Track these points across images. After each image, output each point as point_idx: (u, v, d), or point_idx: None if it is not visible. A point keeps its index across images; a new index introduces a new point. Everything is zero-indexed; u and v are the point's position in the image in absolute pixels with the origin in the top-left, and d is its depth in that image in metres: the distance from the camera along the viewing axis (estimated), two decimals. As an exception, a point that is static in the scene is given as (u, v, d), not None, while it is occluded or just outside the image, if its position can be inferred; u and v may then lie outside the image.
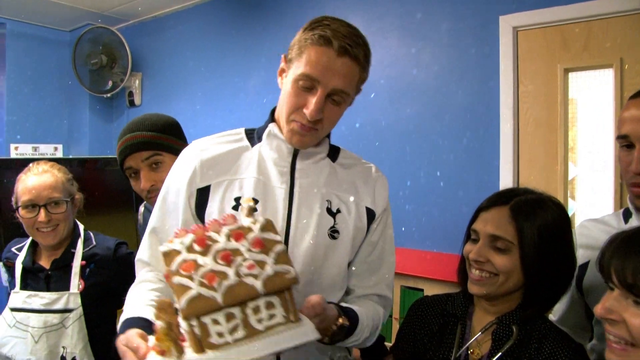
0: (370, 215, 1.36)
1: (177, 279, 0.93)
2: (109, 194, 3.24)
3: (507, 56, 2.31)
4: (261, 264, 0.98)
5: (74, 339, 1.72)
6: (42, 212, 1.74)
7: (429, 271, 2.40)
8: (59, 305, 1.73)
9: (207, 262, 0.96)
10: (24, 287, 1.77)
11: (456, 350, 1.27)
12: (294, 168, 1.31)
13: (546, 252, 1.19)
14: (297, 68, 1.20)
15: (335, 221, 1.31)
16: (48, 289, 1.75)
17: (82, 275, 1.78)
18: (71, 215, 1.84)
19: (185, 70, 3.65)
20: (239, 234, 1.00)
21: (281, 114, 1.27)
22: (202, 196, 1.29)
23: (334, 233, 1.30)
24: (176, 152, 1.65)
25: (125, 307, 1.22)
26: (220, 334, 0.93)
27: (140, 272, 1.34)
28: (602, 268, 0.96)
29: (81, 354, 1.72)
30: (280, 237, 1.03)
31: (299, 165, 1.31)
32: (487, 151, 2.37)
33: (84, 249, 1.82)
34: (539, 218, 1.20)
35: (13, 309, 1.74)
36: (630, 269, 0.89)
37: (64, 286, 1.76)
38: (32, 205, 1.74)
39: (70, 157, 3.86)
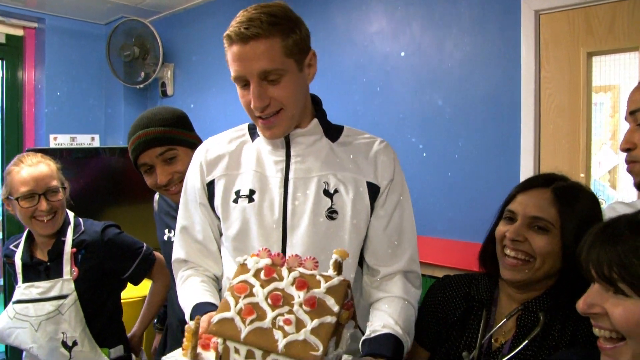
0: (374, 189, 1.34)
1: (227, 294, 0.96)
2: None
3: (529, 41, 2.25)
4: (299, 325, 0.92)
5: (71, 323, 1.79)
6: (43, 200, 1.80)
7: (451, 260, 2.38)
8: (54, 293, 1.79)
9: (259, 294, 0.95)
10: (27, 281, 1.84)
11: (481, 337, 1.26)
12: (288, 155, 1.34)
13: (583, 234, 1.16)
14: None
15: (332, 202, 1.31)
16: (48, 280, 1.82)
17: (76, 262, 1.83)
18: (65, 203, 1.90)
19: (216, 60, 3.69)
20: (304, 283, 0.96)
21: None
22: (210, 190, 1.39)
23: (332, 214, 1.30)
24: (187, 144, 1.69)
25: (184, 301, 1.32)
26: None
27: (180, 273, 1.43)
28: (581, 263, 0.93)
29: (81, 337, 1.79)
30: (337, 308, 0.95)
31: (293, 152, 1.34)
32: (509, 139, 2.32)
33: (73, 236, 1.87)
34: (579, 204, 1.20)
35: (14, 302, 1.82)
36: (606, 261, 0.88)
37: (59, 275, 1.82)
38: (32, 195, 1.79)
39: (113, 146, 3.96)
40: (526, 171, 2.24)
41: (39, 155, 1.89)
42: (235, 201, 1.34)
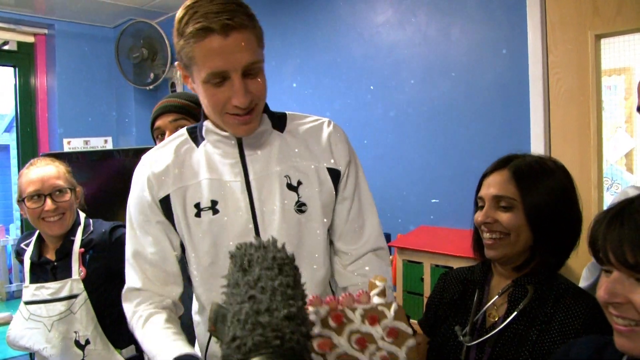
0: (335, 174, 1.32)
1: (313, 357, 0.90)
2: None
3: (536, 24, 2.22)
4: (393, 357, 0.93)
5: (83, 322, 1.80)
6: (49, 200, 1.81)
7: (461, 249, 2.37)
8: (64, 293, 1.81)
9: (342, 343, 0.92)
10: (34, 280, 1.86)
11: (474, 313, 1.32)
12: (243, 156, 1.27)
13: (549, 207, 1.23)
14: (199, 71, 1.14)
15: (298, 194, 1.27)
16: (55, 279, 1.83)
17: (83, 262, 1.85)
18: (74, 206, 1.91)
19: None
20: (374, 317, 0.95)
21: (210, 114, 1.23)
22: (164, 206, 1.27)
23: (301, 207, 1.27)
24: None
25: (153, 350, 1.16)
26: None
27: (135, 308, 1.28)
28: (596, 250, 0.89)
29: (93, 335, 1.80)
30: (411, 330, 0.97)
31: (247, 151, 1.27)
32: (519, 126, 2.29)
33: (82, 236, 1.88)
34: (537, 173, 1.26)
35: (27, 302, 1.84)
36: (629, 247, 0.83)
37: (68, 275, 1.84)
38: (38, 195, 1.81)
39: (126, 147, 4.00)
40: (537, 157, 2.21)
41: (50, 159, 1.92)
42: (198, 215, 1.25)
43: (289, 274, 0.84)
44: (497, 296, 1.30)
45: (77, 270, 1.83)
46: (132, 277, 1.30)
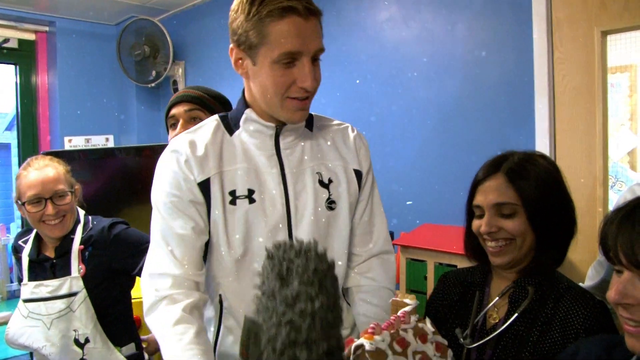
0: (359, 176, 1.37)
1: None
2: None
3: (541, 20, 2.20)
4: None
5: (82, 320, 1.78)
6: (50, 205, 1.79)
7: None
8: (64, 291, 1.79)
9: None
10: (33, 278, 1.84)
11: (474, 315, 1.29)
12: (278, 148, 1.29)
13: (546, 203, 1.22)
14: (271, 50, 1.15)
15: (329, 192, 1.31)
16: (54, 277, 1.81)
17: (83, 259, 1.83)
18: (75, 205, 1.90)
19: (226, 57, 3.68)
20: (424, 336, 1.00)
21: (266, 98, 1.22)
22: (204, 190, 1.24)
23: (331, 204, 1.31)
24: None
25: None
26: None
27: (161, 290, 1.19)
28: (607, 249, 0.87)
29: (93, 334, 1.78)
30: (446, 341, 1.03)
31: (282, 145, 1.29)
32: (524, 123, 2.27)
33: (82, 233, 1.86)
34: (532, 173, 1.23)
35: (25, 300, 1.82)
36: (633, 245, 0.82)
37: (68, 272, 1.82)
38: (38, 200, 1.79)
39: (127, 145, 3.99)
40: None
41: (48, 158, 1.89)
42: (233, 202, 1.25)
43: (329, 291, 0.83)
44: (497, 298, 1.28)
45: (76, 267, 1.81)
46: (159, 261, 1.22)
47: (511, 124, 2.33)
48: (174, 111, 1.77)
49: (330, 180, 1.32)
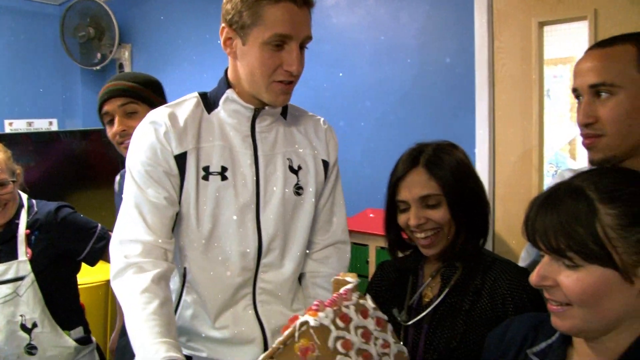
0: (326, 167, 1.43)
1: (340, 359, 0.94)
2: (112, 163, 3.09)
3: (482, 10, 2.26)
4: (387, 344, 1.05)
5: (30, 305, 1.76)
6: None
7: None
8: (10, 275, 1.77)
9: (354, 340, 0.98)
10: None
11: (409, 296, 1.37)
12: (254, 131, 1.34)
13: (465, 189, 1.30)
14: (263, 32, 1.20)
15: (298, 178, 1.37)
16: (0, 262, 1.79)
17: (29, 243, 1.81)
18: (17, 192, 1.87)
19: (175, 40, 3.63)
20: (365, 311, 1.04)
21: (252, 79, 1.26)
22: (180, 163, 1.27)
23: (298, 190, 1.37)
24: (152, 105, 1.69)
25: (139, 338, 1.10)
26: None
27: (129, 258, 1.19)
28: (528, 234, 0.93)
29: (41, 318, 1.77)
30: (386, 316, 1.09)
31: (258, 128, 1.34)
32: (464, 109, 2.35)
33: (27, 217, 1.84)
34: (447, 162, 1.30)
35: None
36: (551, 231, 0.87)
37: (14, 257, 1.80)
38: None
39: (73, 129, 3.89)
40: (481, 140, 2.28)
41: None
42: (206, 178, 1.29)
43: None
44: (430, 278, 1.36)
45: (23, 251, 1.79)
46: (131, 228, 1.23)
47: (453, 111, 2.40)
48: (107, 107, 1.71)
49: (299, 167, 1.38)
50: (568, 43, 2.14)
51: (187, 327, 1.34)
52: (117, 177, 1.97)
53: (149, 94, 1.74)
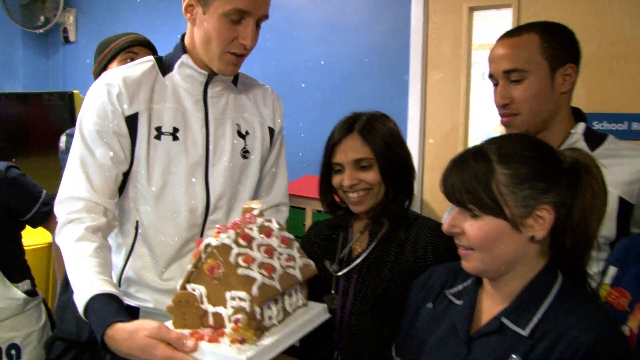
0: (272, 133, 1.54)
1: (242, 271, 1.04)
2: (54, 128, 3.06)
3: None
4: (292, 257, 1.18)
5: None
6: None
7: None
8: None
9: (256, 255, 1.09)
10: None
11: (340, 250, 1.51)
12: (206, 95, 1.43)
13: (395, 155, 1.44)
14: (223, 4, 1.27)
15: (245, 142, 1.47)
16: None
17: None
18: None
19: (121, 6, 3.62)
20: (268, 231, 1.16)
21: (207, 46, 1.34)
22: (131, 123, 1.35)
23: (245, 153, 1.47)
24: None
25: (76, 279, 1.19)
26: (270, 317, 1.08)
27: (71, 214, 1.28)
28: (442, 190, 1.10)
29: None
30: (292, 235, 1.23)
31: (210, 93, 1.43)
32: (399, 86, 2.50)
33: None
34: (380, 130, 1.44)
35: None
36: (456, 187, 1.05)
37: None
38: None
39: (11, 92, 3.79)
40: (414, 116, 2.44)
41: None
42: (158, 137, 1.37)
43: None
44: (359, 234, 1.51)
45: None
46: (74, 185, 1.30)
47: (387, 86, 2.55)
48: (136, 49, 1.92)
49: (247, 132, 1.48)
50: (497, 28, 2.30)
51: (136, 278, 1.43)
52: (63, 137, 2.03)
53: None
